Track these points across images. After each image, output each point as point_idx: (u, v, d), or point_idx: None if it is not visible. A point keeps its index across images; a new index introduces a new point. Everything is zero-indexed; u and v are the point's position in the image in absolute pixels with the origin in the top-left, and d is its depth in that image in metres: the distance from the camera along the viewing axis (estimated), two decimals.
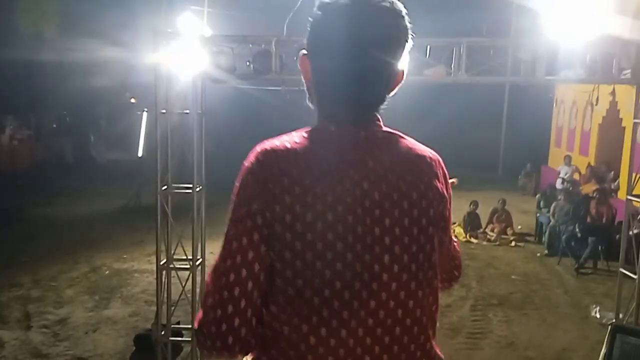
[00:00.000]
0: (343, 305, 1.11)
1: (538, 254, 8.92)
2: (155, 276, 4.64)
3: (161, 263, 4.49)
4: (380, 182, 1.15)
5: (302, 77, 1.26)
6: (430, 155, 1.26)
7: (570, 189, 10.21)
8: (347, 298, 1.12)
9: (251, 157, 1.17)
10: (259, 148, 1.18)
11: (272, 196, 1.11)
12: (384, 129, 1.23)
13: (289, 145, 1.16)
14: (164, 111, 4.36)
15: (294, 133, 1.21)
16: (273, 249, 1.12)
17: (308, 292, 1.12)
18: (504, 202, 10.35)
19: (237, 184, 1.18)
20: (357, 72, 1.16)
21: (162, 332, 4.60)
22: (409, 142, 1.25)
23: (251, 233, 1.13)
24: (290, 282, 1.12)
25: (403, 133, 1.27)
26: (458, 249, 1.45)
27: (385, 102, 1.25)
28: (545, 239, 9.22)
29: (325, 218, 1.11)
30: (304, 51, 1.23)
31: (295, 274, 1.12)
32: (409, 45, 1.21)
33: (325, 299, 1.11)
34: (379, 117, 1.24)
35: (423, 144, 1.29)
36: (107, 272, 7.51)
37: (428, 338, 1.22)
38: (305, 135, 1.19)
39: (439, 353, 1.26)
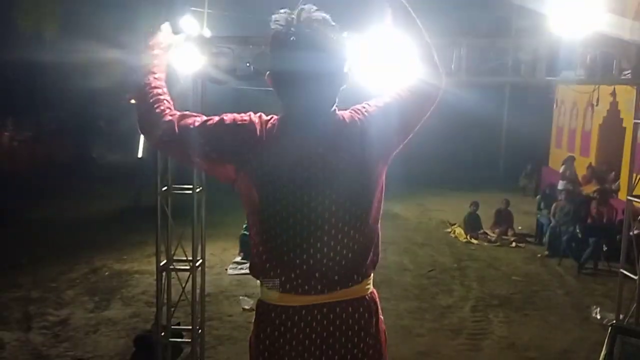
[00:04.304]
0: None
1: (539, 255, 8.92)
2: (155, 277, 4.63)
3: (161, 264, 4.48)
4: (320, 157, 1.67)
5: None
6: (349, 120, 1.71)
7: (571, 188, 10.20)
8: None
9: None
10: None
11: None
12: (335, 114, 1.69)
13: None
14: None
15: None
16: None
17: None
18: (507, 202, 10.34)
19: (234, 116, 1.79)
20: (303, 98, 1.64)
21: (162, 333, 4.59)
22: (343, 116, 1.70)
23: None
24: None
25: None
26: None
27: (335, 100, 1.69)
28: (545, 239, 9.21)
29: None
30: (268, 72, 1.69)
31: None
32: (347, 56, 1.64)
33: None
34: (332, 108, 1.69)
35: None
36: (107, 273, 7.50)
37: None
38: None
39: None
